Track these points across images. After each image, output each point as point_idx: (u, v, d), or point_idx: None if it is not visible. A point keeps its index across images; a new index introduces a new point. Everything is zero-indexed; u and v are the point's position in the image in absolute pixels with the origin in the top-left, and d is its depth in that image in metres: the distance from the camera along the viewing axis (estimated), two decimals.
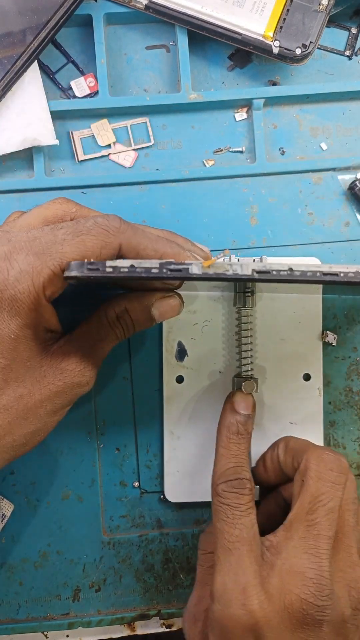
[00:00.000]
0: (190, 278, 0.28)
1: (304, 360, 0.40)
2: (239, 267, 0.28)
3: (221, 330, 0.40)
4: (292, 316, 0.40)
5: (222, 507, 0.32)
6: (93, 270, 0.27)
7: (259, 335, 0.40)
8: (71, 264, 0.28)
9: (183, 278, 0.28)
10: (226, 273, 0.28)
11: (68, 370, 0.32)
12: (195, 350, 0.40)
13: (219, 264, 0.28)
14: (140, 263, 0.28)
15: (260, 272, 0.28)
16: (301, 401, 0.40)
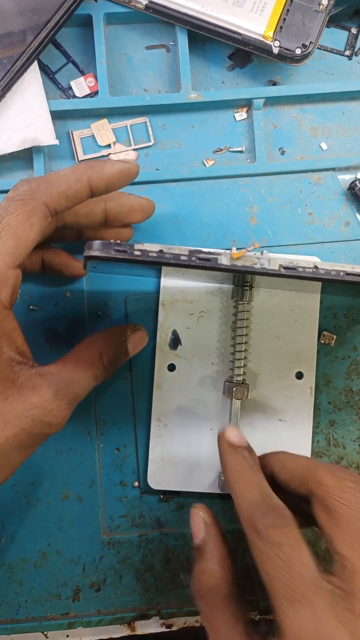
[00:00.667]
0: (218, 269, 0.28)
1: (298, 358, 0.40)
2: (267, 261, 0.28)
3: (217, 322, 0.40)
4: (289, 313, 0.40)
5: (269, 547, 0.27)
6: (120, 252, 0.27)
7: (254, 330, 0.40)
8: (94, 244, 0.27)
9: (210, 268, 0.28)
10: (254, 266, 0.28)
11: (38, 407, 0.29)
12: (190, 340, 0.40)
13: (247, 257, 0.28)
14: (169, 249, 0.28)
15: (286, 268, 0.28)
16: (292, 399, 0.40)
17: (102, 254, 0.27)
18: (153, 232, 0.41)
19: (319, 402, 0.42)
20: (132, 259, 0.27)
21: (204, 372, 0.40)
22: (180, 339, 0.40)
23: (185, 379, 0.40)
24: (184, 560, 0.40)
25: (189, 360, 0.40)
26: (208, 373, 0.40)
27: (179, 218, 0.42)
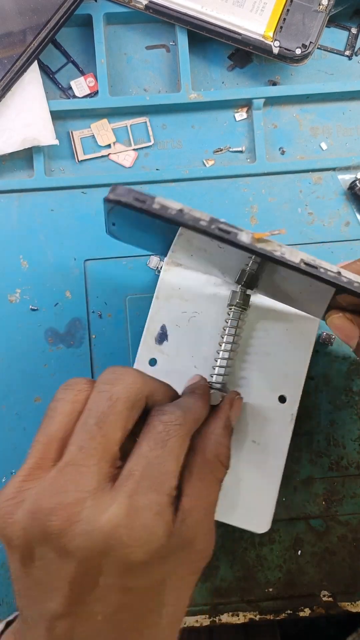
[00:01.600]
0: (235, 244, 0.26)
1: (285, 381, 0.38)
2: (288, 252, 0.26)
3: (208, 326, 0.38)
4: (284, 332, 0.38)
5: None
6: (139, 202, 0.26)
7: (245, 342, 0.38)
8: (119, 188, 0.26)
9: (227, 241, 0.26)
10: (274, 252, 0.26)
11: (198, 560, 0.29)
12: (177, 338, 0.38)
13: (269, 241, 0.26)
14: (190, 210, 0.26)
15: (307, 265, 0.26)
16: (271, 422, 0.37)
17: (123, 199, 0.26)
18: None
19: (319, 402, 0.42)
20: (149, 211, 0.26)
21: (184, 373, 0.38)
22: (168, 335, 0.39)
23: (164, 376, 0.36)
24: None
25: (171, 358, 0.38)
26: (188, 375, 0.38)
27: None
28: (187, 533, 0.28)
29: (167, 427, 0.28)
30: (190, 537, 0.28)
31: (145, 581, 0.26)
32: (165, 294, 0.39)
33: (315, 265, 0.26)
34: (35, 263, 0.41)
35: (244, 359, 0.38)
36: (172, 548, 0.27)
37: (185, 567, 0.28)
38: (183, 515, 0.28)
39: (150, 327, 0.39)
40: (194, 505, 0.29)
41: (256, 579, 0.41)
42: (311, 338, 0.38)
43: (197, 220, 0.26)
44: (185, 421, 0.29)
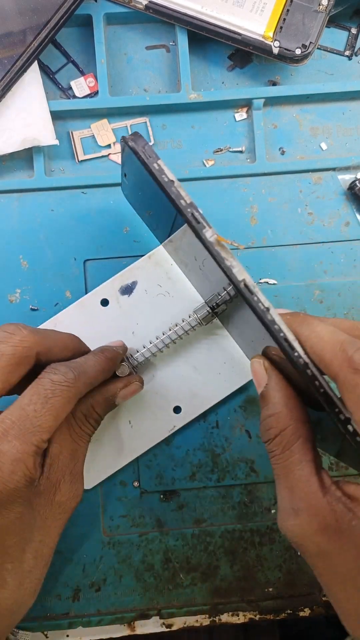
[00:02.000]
0: (197, 233, 0.28)
1: (191, 397, 0.40)
2: (238, 268, 0.28)
3: (169, 310, 0.39)
4: (220, 363, 0.40)
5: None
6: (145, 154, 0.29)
7: (184, 344, 0.39)
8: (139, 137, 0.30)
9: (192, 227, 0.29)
10: (224, 260, 0.28)
11: (63, 502, 0.33)
12: (137, 300, 0.40)
13: (227, 250, 0.28)
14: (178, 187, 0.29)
15: (246, 287, 0.28)
16: (153, 418, 0.40)
17: (134, 145, 0.29)
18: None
19: None
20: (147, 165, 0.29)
21: (122, 330, 0.39)
22: (133, 292, 0.40)
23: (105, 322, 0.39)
24: (184, 560, 0.40)
25: (122, 312, 0.39)
26: (124, 334, 0.39)
27: None
28: (54, 476, 0.32)
29: (54, 385, 0.31)
30: (57, 479, 0.32)
31: (3, 519, 0.30)
32: (156, 259, 0.40)
33: (252, 291, 0.28)
34: (35, 263, 0.41)
35: (173, 356, 0.40)
36: (39, 491, 0.31)
37: (51, 508, 0.32)
38: (51, 460, 0.33)
39: (125, 275, 0.40)
40: (60, 451, 0.33)
41: (256, 579, 0.41)
42: (235, 386, 0.40)
43: (179, 197, 0.29)
44: (75, 384, 0.31)
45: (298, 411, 0.30)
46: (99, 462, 0.39)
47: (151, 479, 0.41)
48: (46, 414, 0.30)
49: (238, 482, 0.41)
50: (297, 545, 0.29)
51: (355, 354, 0.26)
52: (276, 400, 0.30)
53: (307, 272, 0.42)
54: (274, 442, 0.30)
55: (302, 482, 0.29)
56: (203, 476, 0.41)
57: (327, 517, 0.28)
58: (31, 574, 0.32)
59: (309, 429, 0.30)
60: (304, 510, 0.28)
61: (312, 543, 0.28)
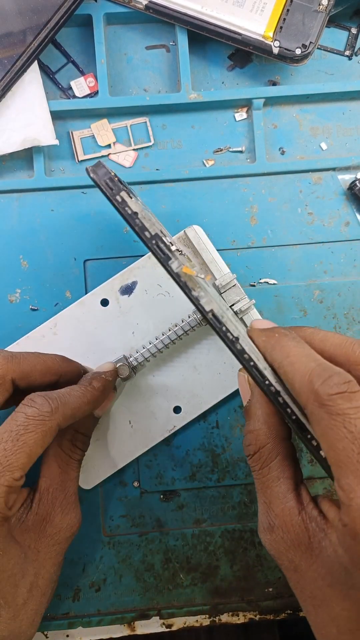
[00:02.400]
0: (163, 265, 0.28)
1: (190, 397, 0.40)
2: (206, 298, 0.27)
3: (169, 311, 0.39)
4: (220, 363, 0.40)
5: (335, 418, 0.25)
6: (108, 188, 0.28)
7: (184, 344, 0.39)
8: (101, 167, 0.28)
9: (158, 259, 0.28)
10: (191, 291, 0.27)
11: (55, 534, 0.33)
12: (137, 300, 0.40)
13: (195, 280, 0.27)
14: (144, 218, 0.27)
15: (214, 317, 0.27)
16: (153, 418, 0.40)
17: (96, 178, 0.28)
18: None
19: None
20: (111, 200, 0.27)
21: (122, 330, 0.39)
22: (133, 292, 0.39)
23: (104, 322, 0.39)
24: (184, 560, 0.40)
25: (121, 312, 0.39)
26: (123, 333, 0.39)
27: (179, 218, 0.42)
28: (43, 510, 0.33)
29: (27, 421, 0.30)
30: (47, 513, 0.33)
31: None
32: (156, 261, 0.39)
33: (220, 321, 0.27)
34: (35, 263, 0.41)
35: (173, 356, 0.40)
36: (27, 527, 0.32)
37: (43, 541, 0.32)
38: (40, 495, 0.33)
39: (125, 275, 0.40)
40: (49, 484, 0.33)
41: (256, 579, 0.41)
42: (235, 386, 0.40)
43: (143, 230, 0.27)
44: (52, 417, 0.30)
45: (278, 428, 0.30)
46: (99, 462, 0.39)
47: (151, 479, 0.41)
48: (17, 452, 0.29)
49: (238, 482, 0.41)
50: (274, 558, 0.30)
51: (321, 387, 0.25)
52: (257, 417, 0.30)
53: (307, 272, 0.42)
54: (253, 458, 0.30)
55: (278, 499, 0.29)
56: (203, 476, 0.41)
57: (300, 535, 0.28)
58: (26, 606, 0.31)
59: (288, 446, 0.30)
60: (278, 527, 0.29)
61: (286, 558, 0.28)
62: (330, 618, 0.27)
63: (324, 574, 0.27)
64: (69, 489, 0.34)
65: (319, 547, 0.27)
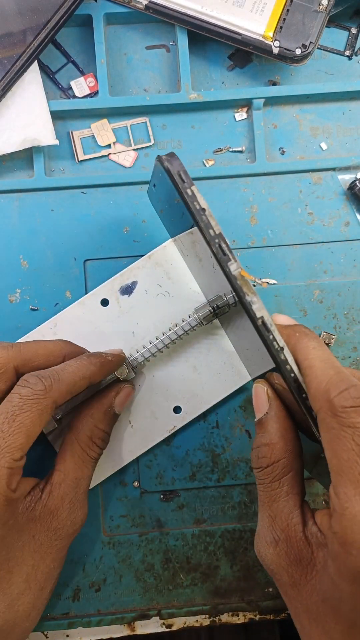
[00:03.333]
0: (222, 266, 0.28)
1: (190, 397, 0.40)
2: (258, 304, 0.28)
3: (169, 310, 0.39)
4: (220, 364, 0.40)
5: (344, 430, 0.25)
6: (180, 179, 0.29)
7: (184, 344, 0.39)
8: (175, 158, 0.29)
9: (217, 259, 0.29)
10: (245, 296, 0.28)
11: (59, 529, 0.33)
12: (137, 300, 0.40)
13: (249, 285, 0.28)
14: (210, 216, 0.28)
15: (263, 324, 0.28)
16: (153, 418, 0.39)
17: (170, 167, 0.29)
18: (154, 230, 0.41)
19: None
20: (181, 191, 0.28)
21: (121, 330, 0.39)
22: (133, 292, 0.39)
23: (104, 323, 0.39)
24: (184, 560, 0.40)
25: (121, 312, 0.39)
26: (125, 336, 0.39)
27: None
28: (52, 503, 0.32)
29: (22, 401, 0.30)
30: (55, 507, 0.32)
31: None
32: (156, 259, 0.40)
33: (269, 329, 0.28)
34: (35, 263, 0.41)
35: (173, 356, 0.40)
36: (34, 516, 0.32)
37: (47, 534, 0.32)
38: (51, 488, 0.33)
39: (125, 275, 0.40)
40: (62, 479, 0.33)
41: (256, 579, 0.41)
42: (235, 386, 0.40)
43: (208, 227, 0.29)
44: (47, 394, 0.30)
45: (293, 444, 0.30)
46: (99, 462, 0.39)
47: (151, 479, 0.41)
48: (15, 432, 0.29)
49: (238, 482, 0.41)
50: (271, 573, 0.29)
51: (336, 398, 0.26)
52: (274, 431, 0.30)
53: (307, 272, 0.42)
54: (265, 471, 0.30)
55: (285, 514, 0.29)
56: (203, 476, 0.41)
57: (304, 551, 0.28)
58: (23, 597, 0.31)
59: (300, 463, 0.30)
60: (283, 542, 0.29)
61: (287, 573, 0.28)
62: (323, 632, 0.27)
63: (318, 588, 0.27)
64: (80, 487, 0.34)
65: (320, 562, 0.27)
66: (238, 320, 0.34)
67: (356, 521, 0.24)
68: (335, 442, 0.25)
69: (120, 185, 0.42)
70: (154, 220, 0.41)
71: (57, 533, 0.33)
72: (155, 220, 0.41)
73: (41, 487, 0.33)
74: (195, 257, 0.36)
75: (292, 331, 0.30)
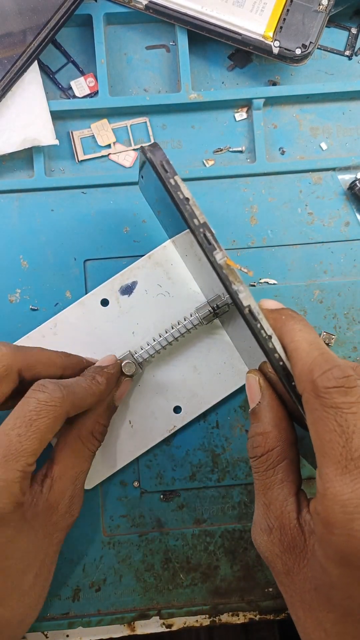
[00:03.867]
0: (206, 255, 0.28)
1: (190, 397, 0.40)
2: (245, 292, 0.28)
3: (169, 310, 0.39)
4: (220, 363, 0.40)
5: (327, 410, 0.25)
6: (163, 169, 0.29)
7: (184, 344, 0.39)
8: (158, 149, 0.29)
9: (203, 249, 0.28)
10: (232, 284, 0.28)
11: (59, 522, 0.33)
12: (137, 300, 0.40)
13: (235, 273, 0.28)
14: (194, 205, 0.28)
15: (250, 313, 0.28)
16: (153, 418, 0.39)
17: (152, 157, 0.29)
18: (154, 230, 0.41)
19: None
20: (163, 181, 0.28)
21: (122, 330, 0.39)
22: (133, 292, 0.39)
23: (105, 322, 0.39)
24: (184, 560, 0.40)
25: (121, 312, 0.39)
26: (125, 336, 0.39)
27: None
28: (53, 498, 0.33)
29: (39, 406, 0.30)
30: (55, 501, 0.33)
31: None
32: (157, 259, 0.40)
33: (256, 318, 0.28)
34: (35, 263, 0.41)
35: (173, 356, 0.40)
36: (37, 512, 0.32)
37: (48, 527, 0.33)
38: (51, 482, 0.33)
39: (125, 275, 0.40)
40: (62, 474, 0.33)
41: (256, 579, 0.41)
42: (235, 386, 0.40)
43: (192, 217, 0.28)
44: (62, 403, 0.31)
45: (287, 432, 0.30)
46: (99, 462, 0.39)
47: (151, 479, 0.41)
48: (31, 437, 0.30)
49: (238, 482, 0.41)
50: (266, 561, 0.30)
51: (319, 378, 0.26)
52: (267, 420, 0.30)
53: (307, 272, 0.42)
54: (260, 460, 0.30)
55: (279, 502, 0.29)
56: (203, 476, 0.41)
57: (297, 539, 0.28)
58: (31, 591, 0.32)
59: (295, 451, 0.30)
60: (277, 529, 0.29)
61: (280, 561, 0.28)
62: (317, 622, 0.27)
63: (310, 576, 0.27)
64: (79, 480, 0.34)
65: (311, 550, 0.27)
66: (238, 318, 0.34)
67: (337, 501, 0.24)
68: (318, 424, 0.25)
69: (120, 185, 0.42)
70: (154, 220, 0.41)
71: (57, 526, 0.33)
72: (155, 220, 0.41)
73: (40, 481, 0.33)
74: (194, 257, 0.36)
75: (278, 314, 0.30)
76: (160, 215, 0.38)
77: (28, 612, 0.32)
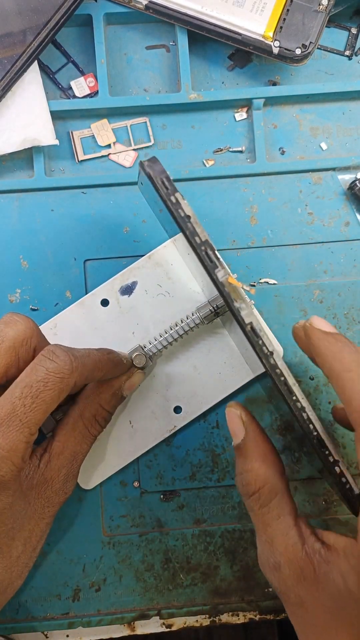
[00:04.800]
0: (209, 273, 0.28)
1: (190, 397, 0.39)
2: (247, 310, 0.28)
3: (169, 310, 0.39)
4: (221, 363, 0.40)
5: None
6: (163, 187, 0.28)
7: (184, 348, 0.39)
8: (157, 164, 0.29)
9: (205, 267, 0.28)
10: (233, 302, 0.28)
11: (52, 497, 0.34)
12: (137, 300, 0.39)
13: (237, 291, 0.28)
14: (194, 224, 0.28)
15: (252, 330, 0.28)
16: (153, 419, 0.39)
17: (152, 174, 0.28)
18: (154, 230, 0.41)
19: (319, 401, 0.42)
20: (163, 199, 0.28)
21: (121, 330, 0.39)
22: (133, 292, 0.39)
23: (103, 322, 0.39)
24: (184, 560, 0.40)
25: (121, 312, 0.39)
26: (125, 336, 0.39)
27: None
28: (49, 473, 0.33)
29: (48, 377, 0.30)
30: (51, 477, 0.33)
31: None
32: (156, 259, 0.40)
33: (257, 335, 0.28)
34: (35, 263, 0.41)
35: (173, 356, 0.40)
36: (32, 484, 0.32)
37: (41, 501, 0.33)
38: (49, 458, 0.33)
39: (125, 275, 0.40)
40: (61, 451, 0.34)
41: (256, 579, 0.41)
42: (235, 386, 0.40)
43: (194, 235, 0.28)
44: (71, 374, 0.30)
45: (275, 465, 0.30)
46: (99, 463, 0.39)
47: (151, 479, 0.41)
48: (36, 409, 0.29)
49: None
50: (278, 594, 0.29)
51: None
52: (254, 456, 0.30)
53: (307, 272, 0.42)
54: (252, 498, 0.30)
55: (281, 536, 0.29)
56: (203, 476, 0.41)
57: (306, 569, 0.28)
58: (19, 560, 0.33)
59: (285, 481, 0.30)
60: (285, 565, 0.28)
61: (293, 594, 0.28)
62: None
63: (329, 605, 0.27)
64: (77, 460, 0.35)
65: (325, 579, 0.27)
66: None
67: None
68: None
69: (120, 185, 0.42)
70: (154, 220, 0.41)
71: (50, 501, 0.34)
72: (155, 220, 0.41)
73: (39, 455, 0.34)
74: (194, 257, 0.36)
75: (333, 339, 0.30)
76: (161, 214, 0.38)
77: (14, 579, 0.33)
